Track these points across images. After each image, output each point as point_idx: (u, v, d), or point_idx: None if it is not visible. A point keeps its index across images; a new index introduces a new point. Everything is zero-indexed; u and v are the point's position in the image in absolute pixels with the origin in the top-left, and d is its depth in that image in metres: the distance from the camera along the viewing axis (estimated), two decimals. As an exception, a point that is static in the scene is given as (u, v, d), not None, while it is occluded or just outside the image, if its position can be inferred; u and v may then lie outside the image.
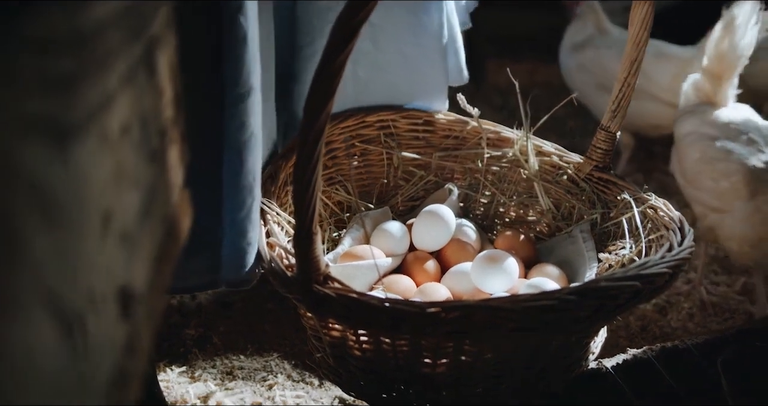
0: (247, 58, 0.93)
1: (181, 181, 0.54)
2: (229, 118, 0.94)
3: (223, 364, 1.29)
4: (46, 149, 0.35)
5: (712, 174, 1.31)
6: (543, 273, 1.07)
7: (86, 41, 0.37)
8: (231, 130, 0.95)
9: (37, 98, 0.34)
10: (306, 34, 1.14)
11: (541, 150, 1.22)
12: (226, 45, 0.92)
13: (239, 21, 0.91)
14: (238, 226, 0.97)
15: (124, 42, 0.43)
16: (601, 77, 1.80)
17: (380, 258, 1.08)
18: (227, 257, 0.99)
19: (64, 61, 0.35)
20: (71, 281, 0.36)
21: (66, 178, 0.35)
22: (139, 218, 0.44)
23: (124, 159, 0.42)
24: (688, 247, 0.91)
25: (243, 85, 0.93)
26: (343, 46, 0.73)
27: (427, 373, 0.91)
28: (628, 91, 1.11)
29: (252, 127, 0.96)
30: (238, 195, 0.97)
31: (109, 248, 0.40)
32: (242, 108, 0.94)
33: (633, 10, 1.05)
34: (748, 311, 1.42)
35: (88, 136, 0.37)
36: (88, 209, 0.37)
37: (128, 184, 0.43)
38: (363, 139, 1.24)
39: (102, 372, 0.39)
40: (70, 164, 0.36)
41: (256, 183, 0.98)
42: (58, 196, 0.35)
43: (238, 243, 0.98)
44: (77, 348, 0.37)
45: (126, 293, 0.42)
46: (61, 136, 0.35)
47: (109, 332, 0.40)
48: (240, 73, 0.93)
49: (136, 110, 0.44)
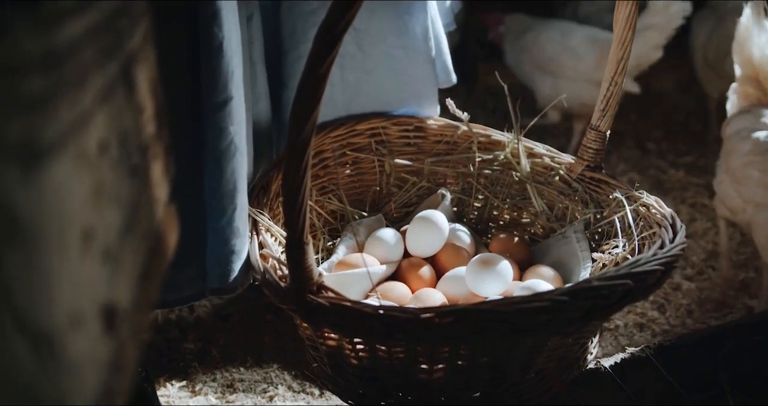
0: (223, 67, 0.93)
1: (166, 196, 0.54)
2: (207, 126, 0.95)
3: (224, 377, 1.29)
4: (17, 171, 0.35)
5: (762, 165, 1.32)
6: (537, 275, 1.07)
7: (59, 60, 0.37)
8: (210, 138, 0.95)
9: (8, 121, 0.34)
10: (290, 38, 1.14)
11: (532, 152, 1.22)
12: (202, 54, 0.93)
13: (213, 30, 0.91)
14: (220, 233, 0.98)
15: (99, 59, 0.43)
16: (538, 58, 1.86)
17: (374, 266, 1.08)
18: (211, 265, 0.99)
19: (35, 82, 0.35)
20: (45, 300, 0.36)
21: (39, 199, 0.35)
22: (121, 234, 0.44)
23: (104, 176, 0.42)
24: (680, 243, 0.91)
25: (220, 93, 0.94)
26: (326, 54, 0.73)
27: (424, 379, 0.91)
28: (616, 90, 1.11)
29: (232, 135, 0.96)
30: (218, 203, 0.97)
31: (89, 266, 0.40)
32: (221, 116, 0.95)
33: (617, 10, 1.05)
34: (747, 306, 1.42)
35: (63, 155, 0.37)
36: (64, 228, 0.38)
37: (108, 201, 0.43)
38: (354, 147, 1.24)
39: (87, 389, 0.39)
40: (44, 184, 0.36)
41: (238, 191, 0.98)
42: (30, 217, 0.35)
43: (221, 250, 0.98)
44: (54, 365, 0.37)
45: (109, 309, 0.42)
46: (33, 157, 0.35)
47: (92, 349, 0.40)
48: (217, 81, 0.93)
49: (114, 127, 0.44)
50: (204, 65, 0.93)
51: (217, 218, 0.97)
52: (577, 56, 1.78)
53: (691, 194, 1.76)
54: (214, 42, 0.92)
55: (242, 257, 1.00)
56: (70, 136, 0.38)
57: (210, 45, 0.92)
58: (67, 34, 0.37)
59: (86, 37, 0.40)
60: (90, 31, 0.41)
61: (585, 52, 1.78)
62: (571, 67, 1.79)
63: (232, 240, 0.98)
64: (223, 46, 0.92)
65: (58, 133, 0.37)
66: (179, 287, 1.01)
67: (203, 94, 0.94)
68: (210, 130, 0.95)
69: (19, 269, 0.34)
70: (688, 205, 1.71)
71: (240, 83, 0.96)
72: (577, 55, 1.78)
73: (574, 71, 1.79)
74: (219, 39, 0.92)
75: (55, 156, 0.36)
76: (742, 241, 1.60)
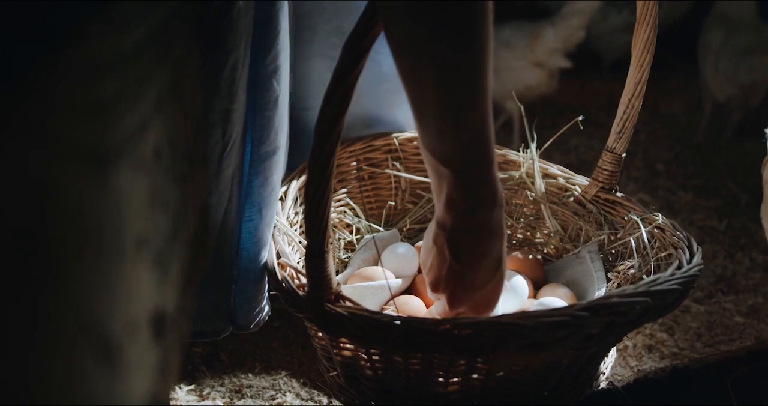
0: (276, 119, 0.96)
1: (204, 204, 0.55)
2: (253, 175, 0.98)
3: (231, 382, 1.29)
4: (84, 176, 0.36)
5: None
6: (552, 293, 1.08)
7: (125, 65, 0.37)
8: (255, 186, 0.99)
9: (78, 124, 0.35)
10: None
11: (547, 172, 1.23)
12: (258, 105, 0.95)
13: (272, 84, 0.94)
14: (251, 273, 1.03)
15: (156, 64, 0.44)
16: None
17: (390, 279, 1.09)
18: (238, 304, 1.03)
19: (106, 86, 0.36)
20: (109, 307, 0.37)
21: (105, 204, 0.36)
22: (168, 241, 0.45)
23: (156, 183, 0.43)
24: (697, 264, 0.91)
25: (270, 144, 0.97)
26: (352, 67, 0.74)
27: (439, 392, 0.91)
28: (633, 112, 1.12)
29: (275, 184, 1.01)
30: (254, 246, 1.02)
31: (142, 272, 0.41)
32: (268, 165, 0.98)
33: (636, 33, 1.06)
34: (756, 332, 1.42)
35: (124, 160, 0.38)
36: (124, 234, 0.38)
37: (159, 208, 0.43)
38: (371, 162, 1.26)
39: (137, 396, 0.40)
40: (107, 189, 0.37)
41: (270, 236, 1.03)
42: (97, 222, 0.36)
43: (249, 290, 1.03)
44: (111, 372, 0.37)
45: (158, 316, 0.42)
46: (101, 161, 0.36)
47: (143, 356, 0.40)
48: (269, 133, 0.96)
49: (166, 133, 0.45)
50: (258, 115, 0.95)
51: (249, 259, 1.01)
52: (509, 46, 1.95)
53: (700, 217, 1.77)
54: (272, 95, 0.94)
55: (266, 297, 1.05)
56: (131, 142, 0.39)
57: (268, 97, 0.95)
58: (134, 37, 0.38)
59: (147, 41, 0.41)
60: (150, 35, 0.41)
61: (516, 40, 1.95)
62: (508, 57, 1.95)
63: (261, 281, 1.03)
64: (279, 100, 0.95)
65: (122, 138, 0.37)
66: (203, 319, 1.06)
67: (254, 144, 0.98)
68: (256, 178, 0.98)
69: (84, 274, 0.35)
70: (697, 227, 1.72)
71: (285, 135, 1.00)
72: (510, 45, 1.95)
73: (511, 60, 1.95)
74: (276, 93, 0.94)
75: (118, 161, 0.37)
76: (751, 266, 1.60)
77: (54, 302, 0.33)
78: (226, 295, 1.04)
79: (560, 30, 1.89)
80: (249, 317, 1.05)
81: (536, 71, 1.95)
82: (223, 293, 1.04)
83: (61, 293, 0.33)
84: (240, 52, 0.91)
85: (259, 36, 0.93)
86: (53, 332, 0.33)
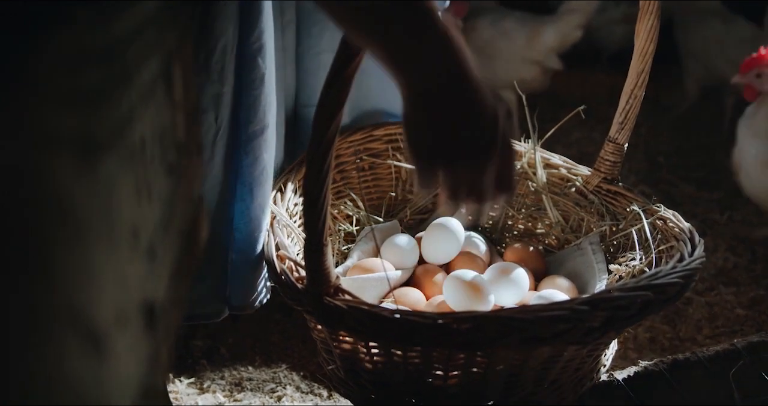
0: (263, 97, 0.95)
1: (198, 194, 0.55)
2: (244, 154, 0.98)
3: (232, 375, 1.29)
4: (72, 165, 0.35)
5: None
6: (553, 285, 1.07)
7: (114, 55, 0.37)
8: (245, 165, 0.98)
9: (66, 113, 0.34)
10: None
11: (549, 163, 1.22)
12: (245, 84, 0.95)
13: (258, 62, 0.94)
14: (245, 255, 1.02)
15: (145, 54, 0.43)
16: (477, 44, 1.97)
17: (390, 271, 1.08)
18: (234, 286, 1.02)
19: (94, 76, 0.35)
20: (97, 296, 0.36)
21: (93, 193, 0.35)
22: (160, 231, 0.44)
23: (147, 172, 0.42)
24: (699, 257, 0.91)
25: (259, 122, 0.96)
26: (350, 59, 0.73)
27: (438, 385, 0.91)
28: (635, 103, 1.11)
29: (265, 163, 0.99)
30: (246, 226, 1.01)
31: (133, 262, 0.40)
32: (257, 144, 0.98)
33: (639, 23, 1.05)
34: (757, 325, 1.42)
35: (114, 150, 0.37)
36: (113, 224, 0.38)
37: (150, 197, 0.43)
38: (371, 152, 1.25)
39: (128, 388, 0.39)
40: (96, 179, 0.36)
41: (265, 215, 1.01)
42: (85, 211, 0.35)
43: (245, 271, 1.03)
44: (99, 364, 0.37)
45: (149, 307, 0.42)
46: (90, 150, 0.35)
47: (134, 347, 0.40)
48: (257, 111, 0.96)
49: (155, 123, 0.44)
50: (245, 94, 0.95)
51: (243, 240, 1.01)
52: (509, 38, 1.95)
53: (701, 209, 1.76)
54: (258, 73, 0.94)
55: (262, 280, 1.05)
56: (120, 131, 0.38)
57: (254, 76, 0.94)
58: (123, 27, 0.38)
59: (136, 32, 0.40)
60: (139, 26, 0.41)
61: (516, 34, 1.95)
62: (505, 49, 1.96)
63: (257, 263, 1.02)
64: (265, 78, 0.94)
65: (110, 127, 0.37)
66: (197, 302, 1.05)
67: (242, 123, 0.97)
68: (246, 158, 0.97)
69: (73, 265, 0.34)
70: (698, 220, 1.71)
71: (274, 113, 0.99)
72: (509, 37, 1.95)
73: (508, 53, 1.96)
74: (262, 71, 0.94)
75: (107, 151, 0.37)
76: (752, 258, 1.59)
77: (35, 290, 0.33)
78: (223, 277, 1.03)
79: (559, 28, 1.90)
80: (245, 297, 1.03)
81: (531, 67, 1.95)
82: (219, 275, 1.03)
83: (42, 281, 0.33)
84: (229, 36, 0.91)
85: (244, 15, 0.93)
86: (35, 321, 0.33)
